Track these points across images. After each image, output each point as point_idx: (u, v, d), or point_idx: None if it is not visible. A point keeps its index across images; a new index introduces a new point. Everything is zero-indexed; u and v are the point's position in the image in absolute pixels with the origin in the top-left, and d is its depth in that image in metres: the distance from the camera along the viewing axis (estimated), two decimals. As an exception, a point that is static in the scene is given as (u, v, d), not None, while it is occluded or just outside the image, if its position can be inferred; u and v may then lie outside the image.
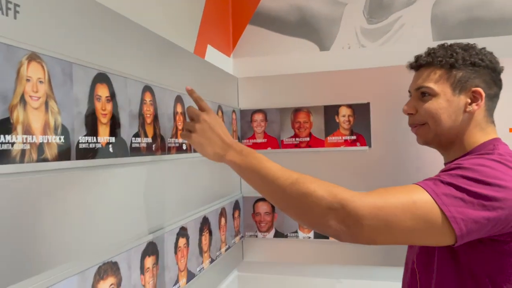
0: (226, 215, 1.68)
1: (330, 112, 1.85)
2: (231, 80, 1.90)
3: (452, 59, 0.96)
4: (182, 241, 1.24)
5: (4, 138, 0.64)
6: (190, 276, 1.30)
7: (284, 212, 0.87)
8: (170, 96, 1.22)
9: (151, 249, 1.06)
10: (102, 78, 0.89)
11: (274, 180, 0.86)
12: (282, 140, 1.90)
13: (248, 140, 1.94)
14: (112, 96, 0.92)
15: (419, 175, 1.71)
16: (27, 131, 0.68)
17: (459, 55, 0.96)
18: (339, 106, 1.84)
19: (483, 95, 0.94)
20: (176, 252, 1.20)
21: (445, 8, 1.81)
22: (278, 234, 1.91)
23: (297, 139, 1.88)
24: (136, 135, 1.02)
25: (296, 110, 1.89)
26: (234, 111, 1.86)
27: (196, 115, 1.00)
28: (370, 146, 1.81)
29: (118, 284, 0.92)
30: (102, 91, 0.89)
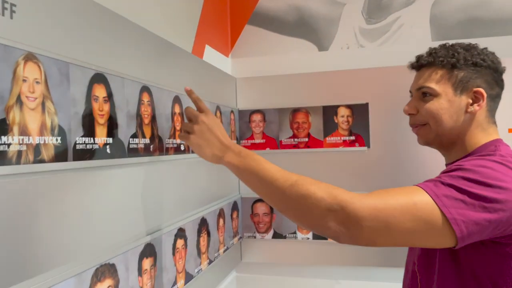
0: (224, 216, 1.68)
1: (329, 112, 1.84)
2: (230, 80, 1.90)
3: (454, 59, 0.95)
4: (180, 242, 1.24)
5: (0, 139, 0.63)
6: (188, 277, 1.29)
7: (283, 214, 0.87)
8: (168, 97, 1.21)
9: (148, 250, 1.05)
10: (99, 78, 0.88)
11: (273, 182, 0.85)
12: (281, 141, 1.89)
13: (246, 141, 1.93)
14: (109, 97, 0.92)
15: (418, 175, 1.71)
16: (24, 132, 0.68)
17: (460, 55, 0.95)
18: (338, 107, 1.83)
19: (485, 95, 0.93)
20: (174, 253, 1.20)
21: (444, 8, 1.80)
22: (277, 235, 1.90)
23: (295, 139, 1.88)
24: (134, 135, 1.01)
25: (295, 111, 1.88)
26: (232, 112, 1.85)
27: (194, 116, 0.99)
28: (369, 147, 1.80)
29: (116, 286, 0.91)
30: (100, 91, 0.88)
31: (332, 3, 1.94)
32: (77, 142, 0.80)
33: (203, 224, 1.43)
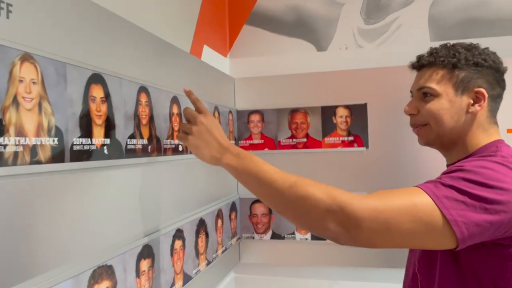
0: (222, 216, 1.67)
1: (327, 112, 1.84)
2: (228, 81, 1.89)
3: (455, 59, 0.94)
4: (178, 243, 1.23)
5: (-4, 140, 0.63)
6: (187, 278, 1.29)
7: (282, 215, 0.86)
8: (166, 97, 1.20)
9: (146, 251, 1.05)
10: (96, 78, 0.88)
11: (271, 183, 0.85)
12: (279, 141, 1.89)
13: (245, 141, 1.93)
14: (107, 97, 0.91)
15: (416, 176, 1.71)
16: (20, 133, 0.67)
17: (461, 55, 0.94)
18: (336, 107, 1.83)
19: (486, 95, 0.92)
20: (172, 254, 1.19)
21: (442, 8, 1.80)
22: (275, 236, 1.90)
23: (294, 140, 1.87)
24: (132, 136, 1.01)
25: (293, 111, 1.88)
26: (230, 112, 1.85)
27: (193, 117, 0.98)
28: (367, 147, 1.80)
29: (113, 287, 0.90)
30: (97, 92, 0.88)
31: (331, 4, 1.94)
32: (74, 143, 0.80)
33: (201, 225, 1.42)
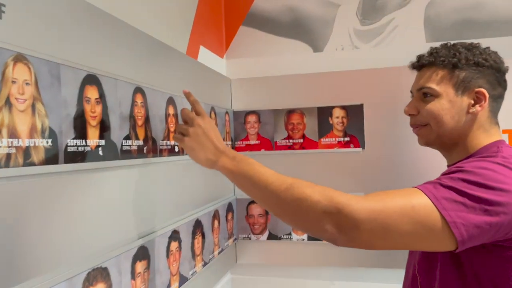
0: (219, 217, 1.67)
1: (324, 113, 1.84)
2: (224, 81, 1.89)
3: (455, 59, 0.93)
4: (174, 244, 1.23)
5: (-11, 142, 0.62)
6: (183, 280, 1.28)
7: (279, 218, 0.86)
8: (162, 98, 1.20)
9: (142, 253, 1.04)
10: (91, 79, 0.87)
11: (268, 186, 0.84)
12: (276, 142, 1.88)
13: (241, 142, 1.92)
14: (102, 98, 0.91)
15: (413, 177, 1.71)
16: (13, 134, 0.66)
17: (462, 55, 0.93)
18: (333, 108, 1.83)
19: (487, 96, 0.91)
20: (168, 256, 1.18)
21: (438, 9, 1.81)
22: (272, 236, 1.89)
23: (290, 140, 1.87)
24: (127, 137, 1.00)
25: (290, 112, 1.88)
26: (227, 113, 1.84)
27: (190, 119, 0.97)
28: (363, 148, 1.80)
29: (108, 290, 0.90)
30: (92, 93, 0.87)
31: (327, 4, 1.93)
32: (68, 144, 0.79)
33: (197, 226, 1.42)
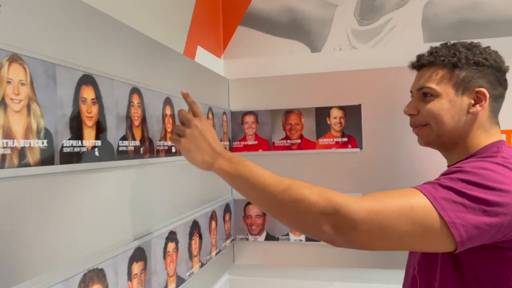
0: (216, 218, 1.66)
1: (322, 114, 1.84)
2: (222, 82, 1.88)
3: (455, 59, 0.93)
4: (171, 245, 1.22)
5: (-17, 143, 0.62)
6: (180, 281, 1.28)
7: (277, 219, 0.85)
8: (159, 98, 1.19)
9: (138, 254, 1.04)
10: (87, 80, 0.87)
11: (265, 187, 0.84)
12: (273, 142, 1.88)
13: (239, 142, 1.92)
14: (98, 98, 0.90)
15: (411, 177, 1.71)
16: (8, 135, 0.66)
17: (462, 54, 0.93)
18: (330, 108, 1.83)
19: (487, 95, 0.91)
20: (165, 257, 1.18)
21: (436, 10, 1.81)
22: (270, 237, 1.89)
23: (288, 141, 1.87)
24: (123, 138, 0.99)
25: (287, 112, 1.87)
26: (224, 113, 1.84)
27: (187, 120, 0.97)
28: (361, 148, 1.80)
29: (105, 291, 0.89)
30: (88, 93, 0.87)
31: (325, 5, 1.93)
32: (64, 145, 0.79)
33: (194, 226, 1.41)
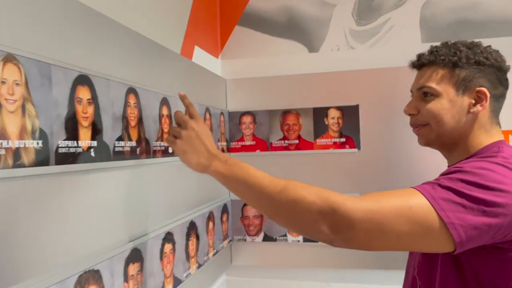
0: (214, 219, 1.66)
1: (319, 114, 1.83)
2: (219, 82, 1.88)
3: (456, 58, 0.92)
4: (168, 246, 1.22)
5: (-23, 143, 0.61)
6: (177, 282, 1.27)
7: (274, 221, 0.85)
8: (156, 98, 1.19)
9: (135, 255, 1.03)
10: (83, 80, 0.86)
11: (261, 189, 0.83)
12: (271, 143, 1.88)
13: (236, 143, 1.91)
14: (94, 99, 0.89)
15: (409, 177, 1.71)
16: (2, 135, 0.65)
17: (462, 53, 0.92)
18: (328, 108, 1.82)
19: (488, 95, 0.90)
20: (161, 258, 1.17)
21: (434, 10, 1.80)
22: (267, 238, 1.89)
23: (286, 141, 1.86)
24: (120, 138, 0.99)
25: (285, 112, 1.87)
26: (222, 113, 1.83)
27: (183, 121, 0.96)
28: (359, 149, 1.79)
29: (101, 293, 0.89)
30: (83, 93, 0.86)
31: (323, 4, 1.93)
32: (59, 146, 0.78)
33: (192, 227, 1.41)
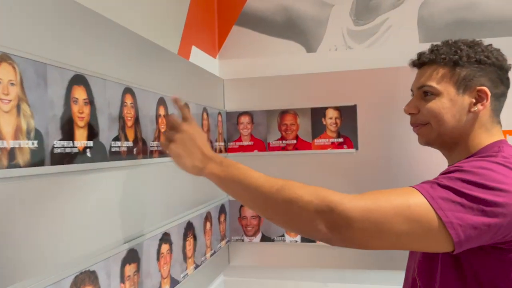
0: (211, 219, 1.65)
1: (317, 114, 1.83)
2: (217, 82, 1.88)
3: (456, 56, 0.91)
4: (165, 247, 1.21)
5: (-29, 144, 0.61)
6: (174, 283, 1.27)
7: (271, 221, 0.84)
8: (153, 98, 1.18)
9: (131, 256, 1.03)
10: (79, 80, 0.86)
11: (258, 189, 0.82)
12: (269, 143, 1.87)
13: (234, 143, 1.91)
14: (90, 99, 0.89)
15: (407, 177, 1.71)
16: (-3, 135, 0.65)
17: (463, 52, 0.92)
18: (326, 108, 1.82)
19: (489, 94, 0.89)
20: (158, 258, 1.17)
21: (431, 10, 1.80)
22: (265, 238, 1.88)
23: (284, 141, 1.86)
24: (116, 138, 0.98)
25: (283, 112, 1.87)
26: (220, 113, 1.83)
27: (177, 125, 0.95)
28: (357, 149, 1.79)
29: (97, 294, 0.88)
30: (79, 93, 0.86)
31: (320, 4, 1.93)
32: (55, 146, 0.77)
33: (189, 228, 1.40)
